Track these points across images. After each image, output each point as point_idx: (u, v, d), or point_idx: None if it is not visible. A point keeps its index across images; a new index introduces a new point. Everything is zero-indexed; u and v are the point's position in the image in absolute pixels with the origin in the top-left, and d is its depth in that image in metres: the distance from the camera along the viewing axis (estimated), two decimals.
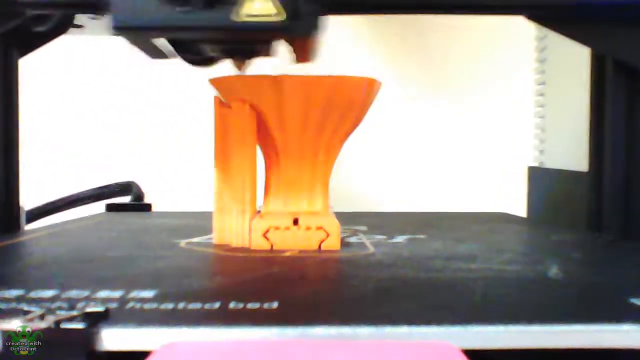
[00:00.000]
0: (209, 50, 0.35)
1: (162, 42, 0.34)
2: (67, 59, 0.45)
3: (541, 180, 0.54)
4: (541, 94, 0.55)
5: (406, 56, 0.70)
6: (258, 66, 0.36)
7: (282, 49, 0.34)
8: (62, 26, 0.40)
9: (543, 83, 0.55)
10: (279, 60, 0.35)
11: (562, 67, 0.52)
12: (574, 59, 0.44)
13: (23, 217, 0.42)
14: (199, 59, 0.36)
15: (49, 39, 0.41)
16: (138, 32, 0.30)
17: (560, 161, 0.51)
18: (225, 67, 0.36)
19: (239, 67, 0.36)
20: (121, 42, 0.32)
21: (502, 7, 0.37)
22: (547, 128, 0.55)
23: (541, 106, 0.56)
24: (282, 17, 0.29)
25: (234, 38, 0.32)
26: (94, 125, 0.70)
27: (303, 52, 0.34)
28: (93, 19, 0.43)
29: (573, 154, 0.46)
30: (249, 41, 0.33)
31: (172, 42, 0.34)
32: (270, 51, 0.35)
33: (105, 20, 0.30)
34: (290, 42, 0.33)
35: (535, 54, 0.56)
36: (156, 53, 0.35)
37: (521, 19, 0.37)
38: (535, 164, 0.56)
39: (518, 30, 0.42)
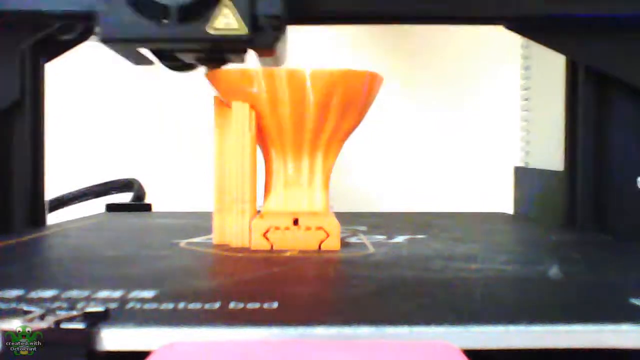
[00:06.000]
0: (186, 58, 0.38)
1: (145, 50, 0.37)
2: (70, 60, 0.45)
3: (526, 179, 0.55)
4: (526, 99, 0.58)
5: (398, 59, 0.71)
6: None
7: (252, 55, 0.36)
8: (86, 34, 0.42)
9: (528, 88, 0.57)
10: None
11: (544, 73, 0.54)
12: (555, 66, 0.46)
13: (46, 212, 0.45)
14: (178, 65, 0.40)
15: (72, 46, 0.44)
16: (122, 44, 0.34)
17: (543, 161, 0.53)
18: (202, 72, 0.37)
19: None
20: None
21: (482, 18, 0.40)
22: (532, 130, 0.57)
23: (526, 110, 0.58)
24: (244, 31, 0.32)
25: (205, 49, 0.36)
26: (95, 126, 0.70)
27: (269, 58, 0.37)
28: None
29: (554, 154, 0.47)
30: (220, 50, 0.36)
31: (154, 50, 0.38)
32: (243, 58, 0.37)
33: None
34: (256, 51, 0.36)
35: (521, 61, 0.58)
36: (139, 59, 0.39)
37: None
38: (521, 164, 0.57)
39: (506, 38, 0.43)
